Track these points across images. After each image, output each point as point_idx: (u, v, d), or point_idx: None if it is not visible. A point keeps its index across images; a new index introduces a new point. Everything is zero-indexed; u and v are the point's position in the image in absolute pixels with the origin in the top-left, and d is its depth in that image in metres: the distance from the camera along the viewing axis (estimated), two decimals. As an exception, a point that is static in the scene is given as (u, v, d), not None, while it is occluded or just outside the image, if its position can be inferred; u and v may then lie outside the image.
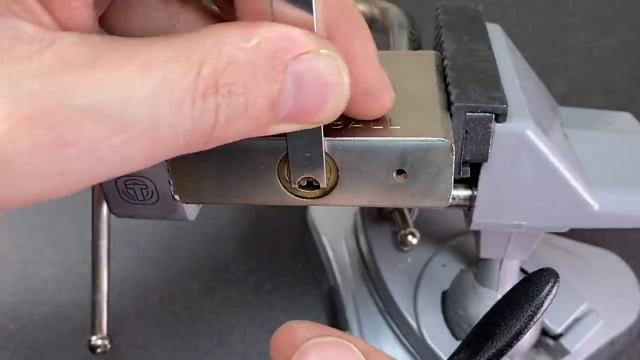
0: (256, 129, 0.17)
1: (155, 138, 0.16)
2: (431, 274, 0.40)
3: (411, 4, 0.40)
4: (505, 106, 0.23)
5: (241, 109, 0.17)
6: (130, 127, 0.15)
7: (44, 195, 0.16)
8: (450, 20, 0.29)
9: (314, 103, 0.18)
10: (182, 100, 0.16)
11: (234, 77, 0.16)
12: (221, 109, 0.16)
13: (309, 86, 0.17)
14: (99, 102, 0.15)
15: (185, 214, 0.27)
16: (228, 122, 0.17)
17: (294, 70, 0.17)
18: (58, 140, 0.15)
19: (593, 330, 0.38)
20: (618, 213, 0.27)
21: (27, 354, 0.43)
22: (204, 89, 0.16)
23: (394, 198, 0.24)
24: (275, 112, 0.17)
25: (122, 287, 0.46)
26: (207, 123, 0.16)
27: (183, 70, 0.16)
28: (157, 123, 0.16)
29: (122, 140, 0.15)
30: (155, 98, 0.15)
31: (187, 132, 0.16)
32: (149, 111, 0.15)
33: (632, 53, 0.64)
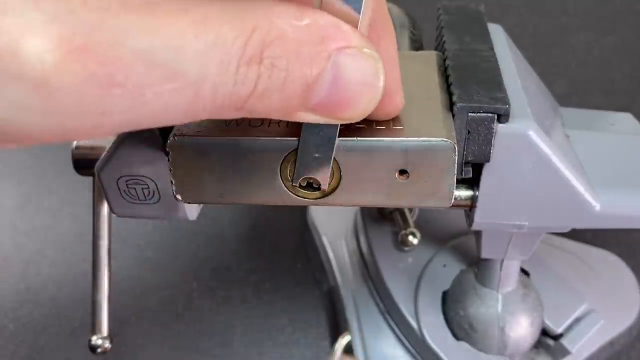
0: (284, 110, 0.17)
1: (197, 93, 0.16)
2: (432, 274, 0.40)
3: (411, 4, 0.40)
4: (508, 106, 0.23)
5: (279, 84, 0.17)
6: (179, 77, 0.15)
7: (82, 133, 0.16)
8: (452, 20, 0.29)
9: (346, 98, 0.18)
10: (229, 62, 0.16)
11: (280, 51, 0.16)
12: (261, 79, 0.16)
13: (346, 80, 0.17)
14: (153, 47, 0.15)
15: (187, 213, 0.27)
16: (264, 94, 0.17)
17: (336, 61, 0.17)
18: (108, 78, 0.15)
19: (593, 330, 0.38)
20: (619, 213, 0.27)
21: (27, 354, 0.43)
22: (250, 56, 0.16)
23: (396, 198, 0.24)
24: (307, 98, 0.17)
25: (122, 287, 0.46)
26: (246, 90, 0.16)
27: (235, 33, 0.16)
28: (203, 78, 0.16)
29: (169, 88, 0.15)
30: (206, 54, 0.16)
31: (226, 95, 0.16)
32: (198, 65, 0.15)
33: (632, 53, 0.64)
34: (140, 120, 0.16)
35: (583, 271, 0.42)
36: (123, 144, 0.25)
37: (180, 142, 0.23)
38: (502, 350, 0.37)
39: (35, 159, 0.57)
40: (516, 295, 0.36)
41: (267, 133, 0.23)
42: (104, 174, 0.26)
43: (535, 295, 0.37)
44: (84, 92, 0.15)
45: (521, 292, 0.37)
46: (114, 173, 0.26)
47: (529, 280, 0.38)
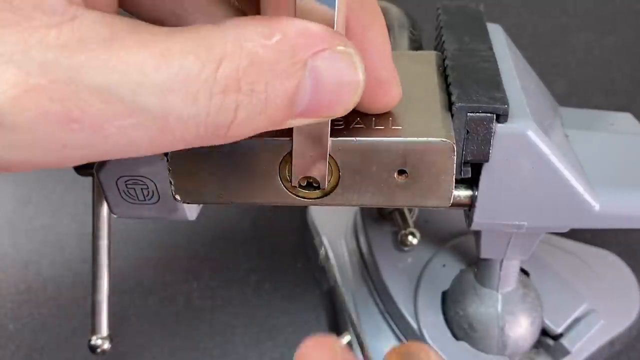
0: (272, 125, 0.18)
1: (163, 127, 0.16)
2: (431, 274, 0.40)
3: (411, 4, 0.40)
4: (507, 106, 0.23)
5: (262, 107, 0.17)
6: (138, 112, 0.15)
7: (47, 164, 0.16)
8: (451, 20, 0.29)
9: (330, 99, 0.18)
10: (198, 94, 0.16)
11: (256, 76, 0.16)
12: (241, 107, 0.16)
13: (326, 83, 0.17)
14: (109, 83, 0.15)
15: (186, 214, 0.27)
16: (248, 119, 0.17)
17: (312, 67, 0.17)
18: (64, 115, 0.15)
19: (593, 330, 0.38)
20: (618, 213, 0.27)
21: (27, 354, 0.43)
22: (224, 85, 0.16)
23: (395, 198, 0.24)
24: (292, 109, 0.17)
25: (122, 287, 0.46)
26: (225, 119, 0.16)
27: (201, 63, 0.16)
28: (166, 113, 0.15)
29: (129, 123, 0.15)
30: (169, 87, 0.15)
31: (200, 126, 0.16)
32: (159, 99, 0.15)
33: (632, 53, 0.64)
34: (105, 152, 0.16)
35: (583, 271, 0.42)
36: (122, 144, 0.25)
37: (179, 142, 0.23)
38: (502, 350, 0.37)
39: (35, 159, 0.56)
40: (516, 295, 0.36)
41: (266, 133, 0.23)
42: (103, 174, 0.26)
43: (535, 295, 0.37)
44: (40, 129, 0.15)
45: (521, 292, 0.37)
46: (113, 173, 0.26)
47: (528, 280, 0.38)
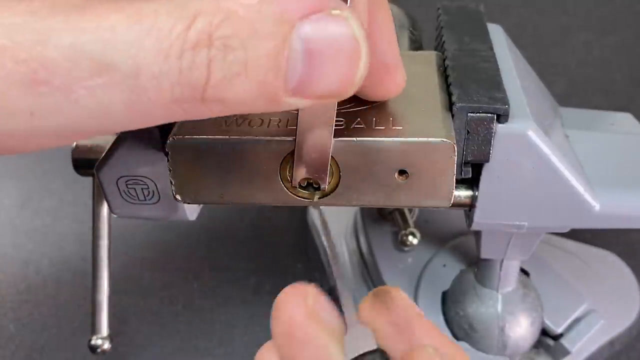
0: (264, 97, 0.16)
1: (135, 86, 0.15)
2: (431, 274, 0.40)
3: (411, 4, 0.40)
4: (507, 107, 0.23)
5: (240, 66, 0.15)
6: (109, 69, 0.15)
7: (16, 140, 0.15)
8: (451, 20, 0.29)
9: (327, 70, 0.16)
10: (169, 50, 0.15)
11: (230, 31, 0.15)
12: (215, 63, 0.15)
13: (320, 50, 0.16)
14: (78, 42, 0.15)
15: (186, 214, 0.27)
16: (226, 79, 0.16)
17: (302, 32, 0.16)
18: (29, 76, 0.14)
19: (593, 330, 0.38)
20: (619, 213, 0.27)
21: (27, 354, 0.43)
22: (195, 40, 0.15)
23: (396, 198, 0.24)
24: (283, 80, 0.16)
25: (122, 287, 0.46)
26: (198, 77, 0.15)
27: (174, 20, 0.15)
28: (137, 69, 0.15)
29: (100, 83, 0.15)
30: (139, 44, 0.15)
31: (174, 85, 0.15)
32: (129, 56, 0.15)
33: (632, 53, 0.64)
34: (82, 122, 0.15)
35: (583, 271, 0.42)
36: (122, 144, 0.25)
37: (179, 142, 0.23)
38: (502, 350, 0.37)
39: (35, 159, 0.57)
40: (516, 295, 0.36)
41: (267, 133, 0.23)
42: (104, 174, 0.26)
43: (535, 295, 0.37)
44: (5, 92, 0.14)
45: (521, 292, 0.37)
46: (113, 173, 0.26)
47: (529, 280, 0.38)
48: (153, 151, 0.25)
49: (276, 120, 0.23)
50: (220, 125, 0.23)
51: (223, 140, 0.23)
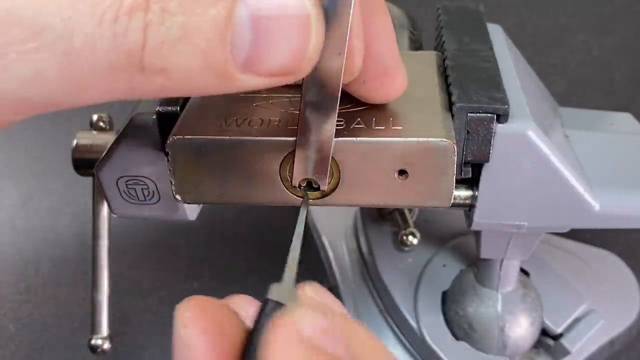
0: (212, 71, 0.15)
1: (68, 50, 0.15)
2: (431, 274, 0.40)
3: (411, 4, 0.40)
4: (507, 107, 0.23)
5: (180, 31, 0.15)
6: (41, 33, 0.14)
7: None
8: (451, 20, 0.29)
9: (276, 42, 0.16)
10: (104, 14, 0.15)
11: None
12: (151, 28, 0.15)
13: (268, 19, 0.15)
14: (13, 6, 0.14)
15: (186, 214, 0.27)
16: (165, 46, 0.15)
17: (247, 0, 0.15)
18: None
19: (593, 330, 0.38)
20: (618, 213, 0.27)
21: (27, 354, 0.43)
22: (131, 4, 0.15)
23: (396, 198, 0.24)
24: (230, 52, 0.15)
25: (122, 287, 0.46)
26: (134, 42, 0.15)
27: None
28: (70, 32, 0.15)
29: (32, 47, 0.15)
30: (72, 7, 0.15)
31: (110, 50, 0.15)
32: (62, 18, 0.15)
33: (632, 53, 0.64)
34: (12, 86, 0.15)
35: (583, 271, 0.42)
36: (122, 144, 0.26)
37: (179, 142, 0.23)
38: (502, 350, 0.37)
39: (35, 159, 0.57)
40: (516, 295, 0.36)
41: (267, 133, 0.23)
42: (104, 174, 0.26)
43: (535, 295, 0.37)
44: None
45: (521, 292, 0.37)
46: (113, 173, 0.26)
47: (528, 280, 0.38)
48: (153, 151, 0.25)
49: (276, 120, 0.23)
50: (220, 125, 0.23)
51: (223, 140, 0.23)
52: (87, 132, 0.32)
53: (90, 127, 0.32)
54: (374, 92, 0.23)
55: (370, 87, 0.22)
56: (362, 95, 0.23)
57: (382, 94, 0.23)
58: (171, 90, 0.16)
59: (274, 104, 0.25)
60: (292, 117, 0.23)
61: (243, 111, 0.24)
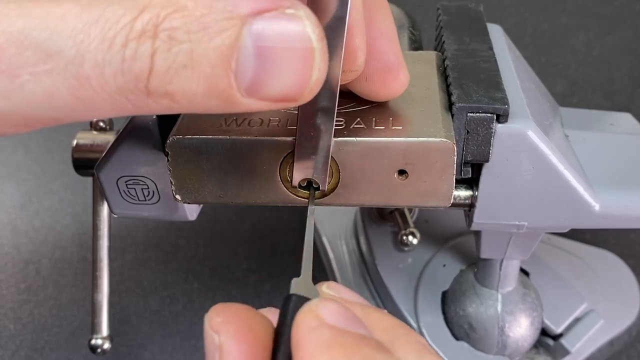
0: (217, 96, 0.16)
1: (78, 73, 0.15)
2: (431, 274, 0.40)
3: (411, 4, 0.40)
4: (507, 107, 0.23)
5: (186, 59, 0.15)
6: (54, 56, 0.15)
7: None
8: (451, 20, 0.29)
9: (280, 71, 0.16)
10: (114, 39, 0.15)
11: (178, 23, 0.15)
12: (159, 54, 0.15)
13: (272, 49, 0.16)
14: (27, 28, 0.15)
15: (186, 213, 0.27)
16: (171, 72, 0.15)
17: (253, 29, 0.15)
18: None
19: (593, 330, 0.38)
20: (618, 213, 0.27)
21: (27, 354, 0.43)
22: (140, 30, 0.15)
23: (396, 198, 0.24)
24: (234, 78, 0.16)
25: (122, 287, 0.46)
26: (141, 67, 0.15)
27: (123, 10, 0.15)
28: (81, 57, 0.15)
29: (45, 69, 0.15)
30: (85, 32, 0.15)
31: (117, 74, 0.15)
32: (74, 43, 0.15)
33: (632, 53, 0.64)
34: (28, 107, 0.16)
35: (583, 271, 0.42)
36: (123, 144, 0.26)
37: (179, 142, 0.23)
38: (502, 350, 0.37)
39: (35, 159, 0.57)
40: (516, 295, 0.36)
41: (267, 133, 0.23)
42: (104, 174, 0.26)
43: (535, 295, 0.37)
44: None
45: (521, 292, 0.37)
46: (113, 173, 0.26)
47: (528, 280, 0.38)
48: (153, 151, 0.25)
49: (276, 120, 0.23)
50: (220, 125, 0.23)
51: (223, 140, 0.23)
52: (87, 132, 0.32)
53: (90, 127, 0.32)
54: (377, 89, 0.23)
55: (373, 85, 0.23)
56: (365, 93, 0.23)
57: (385, 91, 0.23)
58: (176, 110, 0.16)
59: None
60: (292, 117, 0.23)
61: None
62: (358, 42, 0.21)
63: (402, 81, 0.23)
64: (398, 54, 0.22)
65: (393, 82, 0.23)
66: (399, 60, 0.23)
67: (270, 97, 0.16)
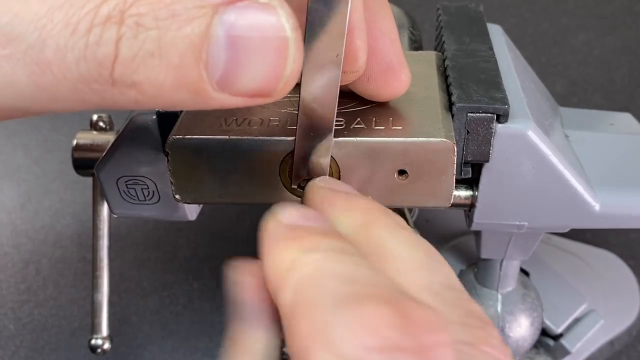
0: (187, 88, 0.15)
1: (39, 59, 0.15)
2: (431, 274, 0.40)
3: (411, 4, 0.40)
4: (507, 107, 0.23)
5: (153, 46, 0.15)
6: (13, 41, 0.15)
7: None
8: (451, 20, 0.29)
9: (252, 62, 0.15)
10: (78, 24, 0.15)
11: (145, 10, 0.15)
12: (124, 41, 0.15)
13: (244, 39, 0.15)
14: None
15: (186, 213, 0.27)
16: (137, 60, 0.15)
17: (225, 18, 0.15)
18: None
19: (593, 330, 0.38)
20: (618, 213, 0.27)
21: (27, 354, 0.43)
22: (106, 16, 0.15)
23: (396, 198, 0.24)
24: (205, 70, 0.15)
25: (122, 287, 0.46)
26: (105, 53, 0.15)
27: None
28: (42, 42, 0.15)
29: (3, 54, 0.15)
30: (48, 16, 0.15)
31: (80, 61, 0.15)
32: (36, 28, 0.15)
33: (632, 53, 0.64)
34: None
35: (583, 271, 0.42)
36: (123, 144, 0.26)
37: (179, 142, 0.23)
38: (502, 350, 0.37)
39: (35, 159, 0.57)
40: (516, 296, 0.36)
41: (267, 133, 0.23)
42: (104, 174, 0.26)
43: (535, 295, 0.37)
44: None
45: (521, 292, 0.37)
46: (113, 173, 0.26)
47: (528, 280, 0.38)
48: (153, 151, 0.25)
49: (276, 120, 0.23)
50: (220, 125, 0.23)
51: (223, 140, 0.23)
52: (87, 132, 0.32)
53: (90, 127, 0.32)
54: (379, 89, 0.23)
55: (375, 85, 0.23)
56: (366, 93, 0.23)
57: (387, 92, 0.23)
58: (145, 104, 0.16)
59: (274, 103, 0.25)
60: (292, 117, 0.23)
61: (243, 111, 0.24)
62: (359, 44, 0.21)
63: (404, 81, 0.23)
64: (400, 54, 0.22)
65: (395, 83, 0.23)
66: (401, 61, 0.23)
67: (243, 91, 0.16)
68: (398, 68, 0.23)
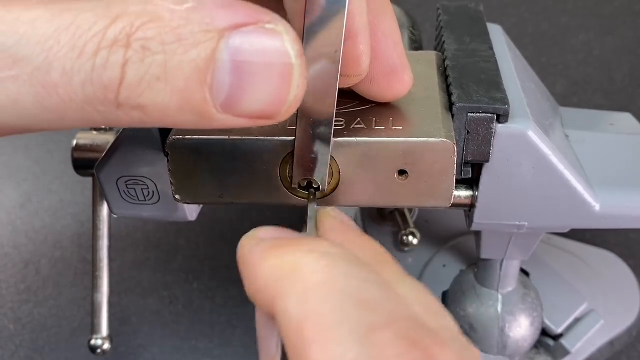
0: (191, 110, 0.15)
1: (45, 81, 0.15)
2: (432, 274, 0.40)
3: (411, 4, 0.40)
4: (507, 107, 0.23)
5: (159, 70, 0.15)
6: (20, 63, 0.15)
7: None
8: (452, 20, 0.29)
9: (257, 87, 0.15)
10: (85, 47, 0.15)
11: (152, 34, 0.15)
12: (130, 65, 0.15)
13: (249, 64, 0.15)
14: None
15: (186, 214, 0.27)
16: (143, 84, 0.15)
17: (230, 43, 0.15)
18: None
19: (593, 330, 0.38)
20: (619, 213, 0.27)
21: (27, 354, 0.43)
22: (113, 39, 0.15)
23: (396, 198, 0.24)
24: (210, 93, 0.15)
25: (122, 287, 0.46)
26: (111, 77, 0.15)
27: (95, 18, 0.15)
28: (49, 64, 0.15)
29: (10, 76, 0.15)
30: (55, 38, 0.15)
31: (86, 84, 0.15)
32: (43, 50, 0.15)
33: (632, 53, 0.64)
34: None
35: (583, 271, 0.42)
36: (123, 145, 0.25)
37: (179, 142, 0.23)
38: (502, 350, 0.37)
39: (35, 159, 0.57)
40: (516, 296, 0.36)
41: (267, 133, 0.23)
42: (104, 175, 0.26)
43: (535, 295, 0.37)
44: None
45: (521, 292, 0.37)
46: (113, 173, 0.26)
47: (529, 280, 0.38)
48: (153, 151, 0.25)
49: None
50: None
51: (223, 140, 0.23)
52: (87, 132, 0.32)
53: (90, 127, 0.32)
54: (382, 91, 0.23)
55: (377, 87, 0.23)
56: (369, 95, 0.23)
57: (390, 93, 0.23)
58: (150, 124, 0.16)
59: None
60: (292, 117, 0.23)
61: None
62: (362, 48, 0.21)
63: (406, 82, 0.23)
64: (402, 56, 0.23)
65: (398, 84, 0.23)
66: (404, 63, 0.23)
67: (246, 113, 0.16)
68: (401, 70, 0.23)
